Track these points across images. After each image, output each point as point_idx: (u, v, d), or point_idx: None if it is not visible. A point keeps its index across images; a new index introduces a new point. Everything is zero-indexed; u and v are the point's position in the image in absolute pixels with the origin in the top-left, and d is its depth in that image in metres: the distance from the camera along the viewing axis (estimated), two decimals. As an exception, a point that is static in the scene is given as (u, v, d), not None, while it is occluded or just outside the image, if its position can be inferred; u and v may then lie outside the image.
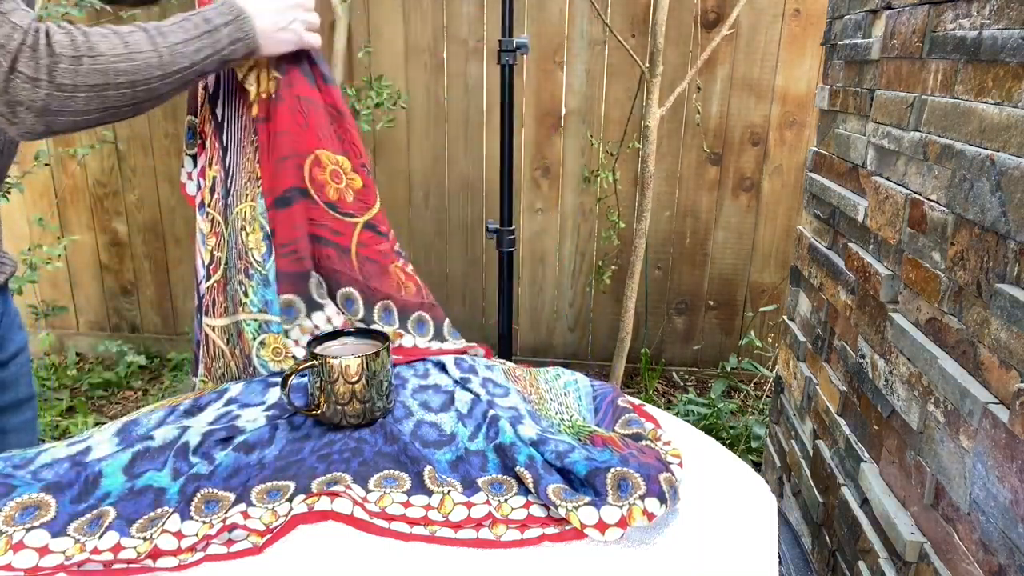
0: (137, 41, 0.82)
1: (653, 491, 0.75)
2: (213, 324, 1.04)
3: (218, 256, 1.04)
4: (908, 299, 1.14)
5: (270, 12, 0.95)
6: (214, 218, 1.05)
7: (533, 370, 1.08)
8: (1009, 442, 0.83)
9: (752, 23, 2.45)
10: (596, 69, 2.56)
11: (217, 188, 1.05)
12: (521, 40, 1.53)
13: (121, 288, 3.00)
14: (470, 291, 2.87)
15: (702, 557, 0.74)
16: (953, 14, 1.05)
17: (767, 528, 0.79)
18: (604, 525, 0.73)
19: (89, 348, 3.05)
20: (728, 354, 2.76)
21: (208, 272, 1.04)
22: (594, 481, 0.76)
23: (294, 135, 1.01)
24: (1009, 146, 0.89)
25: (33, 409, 1.08)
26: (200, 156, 1.09)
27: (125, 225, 2.91)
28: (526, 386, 1.02)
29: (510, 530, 0.74)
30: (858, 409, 1.32)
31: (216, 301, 1.04)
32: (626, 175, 2.65)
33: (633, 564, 0.72)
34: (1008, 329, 0.86)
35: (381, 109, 2.49)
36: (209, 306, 1.04)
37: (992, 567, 0.87)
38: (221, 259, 1.04)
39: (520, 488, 0.80)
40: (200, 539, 0.70)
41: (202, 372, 1.06)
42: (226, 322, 1.04)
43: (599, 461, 0.79)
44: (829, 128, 1.59)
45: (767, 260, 2.69)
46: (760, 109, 2.54)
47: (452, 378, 1.01)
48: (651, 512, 0.74)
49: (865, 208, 1.32)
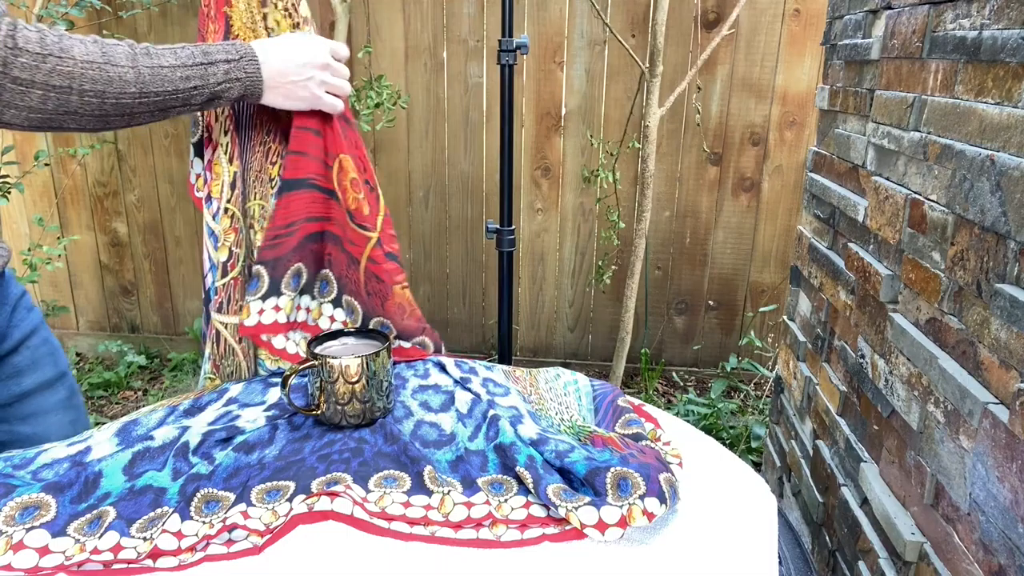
0: (117, 55, 0.82)
1: (653, 491, 0.75)
2: (226, 321, 1.03)
3: (237, 252, 1.03)
4: (908, 299, 1.14)
5: (284, 63, 0.93)
6: (234, 214, 1.04)
7: (533, 371, 1.07)
8: (1009, 442, 0.83)
9: (752, 23, 2.45)
10: (596, 69, 2.56)
11: (237, 184, 1.04)
12: (521, 40, 1.53)
13: (121, 288, 3.00)
14: (470, 291, 2.87)
15: (702, 557, 0.74)
16: (953, 14, 1.05)
17: (767, 528, 0.79)
18: (604, 525, 0.73)
19: (89, 348, 3.05)
20: (728, 354, 2.76)
21: (225, 268, 1.04)
22: (594, 481, 0.76)
23: (325, 135, 1.00)
24: (1009, 146, 0.89)
25: (68, 387, 1.08)
26: (207, 149, 1.09)
27: (125, 225, 2.91)
28: (526, 386, 1.02)
29: (510, 530, 0.74)
30: (858, 409, 1.32)
31: (232, 298, 1.03)
32: (626, 175, 2.65)
33: (633, 564, 0.72)
34: (1008, 329, 0.86)
35: (381, 109, 2.49)
36: (223, 303, 1.03)
37: (992, 567, 0.87)
38: (240, 255, 1.04)
39: (520, 488, 0.80)
40: (200, 539, 0.70)
41: (209, 368, 1.06)
42: (236, 321, 1.04)
43: (599, 461, 0.79)
44: (829, 128, 1.59)
45: (767, 260, 2.69)
46: (760, 109, 2.54)
47: (452, 378, 1.01)
48: (651, 512, 0.74)
49: (865, 208, 1.32)
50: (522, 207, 2.73)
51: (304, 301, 1.03)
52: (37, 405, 1.04)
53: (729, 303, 2.76)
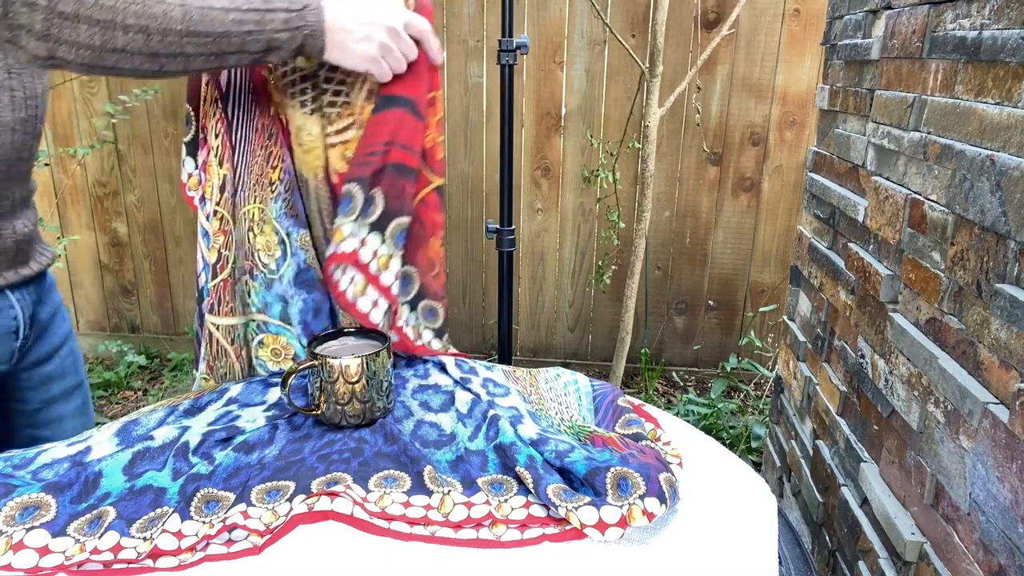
0: None
1: (653, 491, 0.75)
2: (218, 323, 1.04)
3: (225, 255, 1.03)
4: (908, 299, 1.14)
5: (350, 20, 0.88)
6: (223, 216, 1.04)
7: (533, 371, 1.07)
8: (1009, 442, 0.83)
9: (752, 23, 2.45)
10: (596, 69, 2.56)
11: (227, 187, 1.04)
12: (521, 40, 1.53)
13: (121, 288, 3.00)
14: (470, 291, 2.87)
15: (702, 557, 0.74)
16: (953, 14, 1.05)
17: (767, 528, 0.79)
18: (604, 525, 0.73)
19: (89, 348, 3.05)
20: (728, 354, 2.76)
21: (215, 270, 1.04)
22: (594, 481, 0.76)
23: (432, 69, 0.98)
24: (1009, 146, 0.89)
25: (83, 394, 1.13)
26: (201, 150, 1.09)
27: (125, 225, 2.91)
28: (526, 386, 1.02)
29: (510, 530, 0.74)
30: (858, 409, 1.32)
31: (222, 299, 1.04)
32: (626, 175, 2.65)
33: (633, 564, 0.72)
34: (1008, 329, 0.86)
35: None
36: (214, 304, 1.04)
37: (992, 567, 0.87)
38: (229, 258, 1.04)
39: (520, 488, 0.80)
40: (200, 539, 0.70)
41: (203, 369, 1.06)
42: (233, 322, 1.04)
43: (599, 461, 0.79)
44: (829, 128, 1.59)
45: (767, 260, 2.69)
46: (760, 109, 2.54)
47: (452, 378, 1.01)
48: (651, 512, 0.74)
49: (865, 208, 1.32)
50: (522, 207, 2.73)
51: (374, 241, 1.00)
52: (58, 412, 1.08)
53: (729, 303, 2.76)
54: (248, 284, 1.02)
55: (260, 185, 1.02)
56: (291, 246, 1.02)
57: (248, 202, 1.03)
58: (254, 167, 1.03)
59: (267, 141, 1.02)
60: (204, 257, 1.07)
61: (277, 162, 1.02)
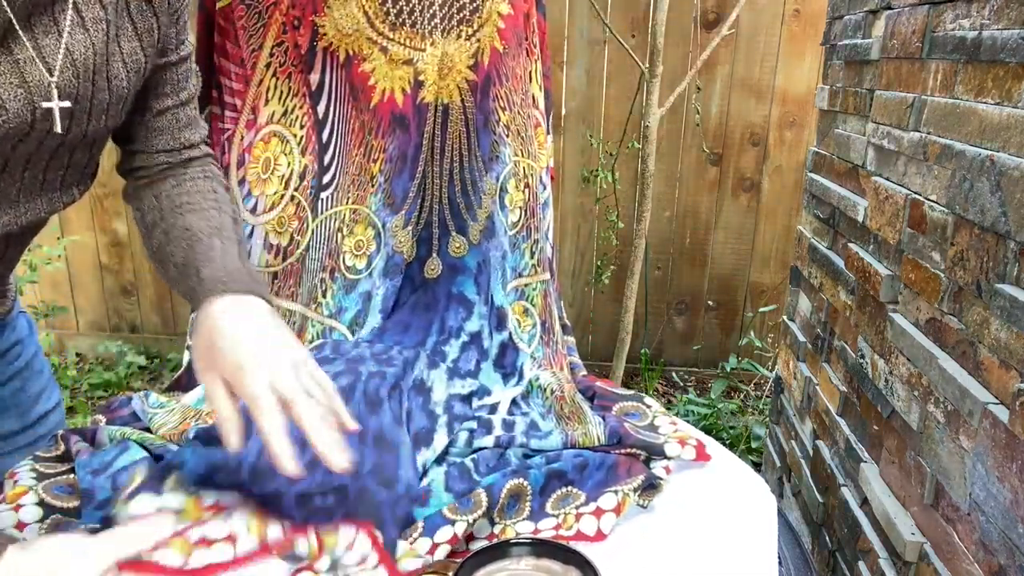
0: (222, 201, 0.82)
1: (639, 478, 0.81)
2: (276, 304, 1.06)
3: (297, 239, 1.07)
4: (908, 299, 1.14)
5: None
6: (300, 202, 1.07)
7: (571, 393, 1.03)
8: (1009, 442, 0.84)
9: (752, 23, 2.45)
10: (596, 69, 2.56)
11: (307, 177, 1.07)
12: (521, 40, 1.52)
13: (121, 288, 3.00)
14: (470, 291, 2.86)
15: (702, 557, 0.74)
16: (953, 14, 1.05)
17: (767, 528, 0.80)
18: (600, 511, 0.77)
19: (89, 348, 3.05)
20: (728, 354, 2.76)
21: (285, 252, 1.07)
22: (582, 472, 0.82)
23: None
24: (1009, 146, 0.89)
25: (60, 415, 1.04)
26: (248, 130, 1.09)
27: (125, 225, 2.91)
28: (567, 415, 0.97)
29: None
30: (858, 409, 1.32)
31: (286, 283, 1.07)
32: (626, 175, 2.65)
33: (633, 564, 0.72)
34: (1008, 329, 0.86)
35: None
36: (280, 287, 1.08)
37: (992, 567, 0.87)
38: (300, 243, 1.07)
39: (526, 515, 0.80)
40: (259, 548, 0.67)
41: None
42: (292, 307, 1.07)
43: (585, 456, 0.84)
44: (829, 128, 1.59)
45: (767, 260, 2.69)
46: (760, 109, 2.54)
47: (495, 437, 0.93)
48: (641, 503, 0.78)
49: (865, 208, 1.32)
50: (522, 207, 2.73)
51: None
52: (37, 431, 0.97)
53: (729, 303, 2.76)
54: (326, 283, 1.03)
55: (356, 184, 1.05)
56: (385, 236, 1.04)
57: (341, 202, 1.05)
58: (350, 167, 1.05)
59: (367, 137, 1.04)
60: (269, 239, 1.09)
61: (378, 154, 1.04)
